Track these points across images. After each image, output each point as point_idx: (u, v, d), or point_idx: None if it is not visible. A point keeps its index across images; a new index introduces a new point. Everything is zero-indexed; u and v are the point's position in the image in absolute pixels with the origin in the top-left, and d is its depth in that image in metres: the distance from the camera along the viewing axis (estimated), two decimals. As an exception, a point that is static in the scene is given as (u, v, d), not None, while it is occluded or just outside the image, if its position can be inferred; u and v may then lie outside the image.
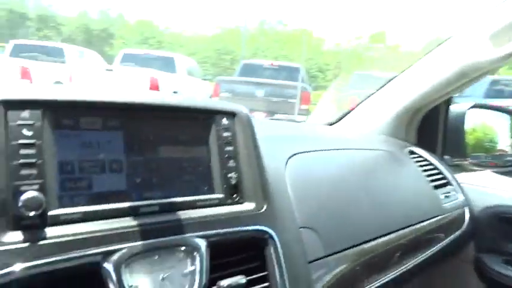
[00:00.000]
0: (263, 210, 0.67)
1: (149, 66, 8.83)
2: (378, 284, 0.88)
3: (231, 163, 0.66)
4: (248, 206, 0.67)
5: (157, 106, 0.61)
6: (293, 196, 0.82)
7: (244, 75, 9.52)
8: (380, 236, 0.93)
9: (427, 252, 1.04)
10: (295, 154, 0.93)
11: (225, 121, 0.67)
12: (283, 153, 0.91)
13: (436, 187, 1.22)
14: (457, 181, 1.34)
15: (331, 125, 1.59)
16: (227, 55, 36.60)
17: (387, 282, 0.90)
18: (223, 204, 0.64)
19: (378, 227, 0.94)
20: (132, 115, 0.59)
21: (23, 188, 0.47)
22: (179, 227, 0.57)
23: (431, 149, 1.52)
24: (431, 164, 1.34)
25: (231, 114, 0.69)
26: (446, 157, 1.68)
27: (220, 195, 0.64)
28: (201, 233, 0.59)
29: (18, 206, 0.46)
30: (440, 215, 1.14)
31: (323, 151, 1.03)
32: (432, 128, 1.59)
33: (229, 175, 0.66)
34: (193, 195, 0.62)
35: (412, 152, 1.34)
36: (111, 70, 8.67)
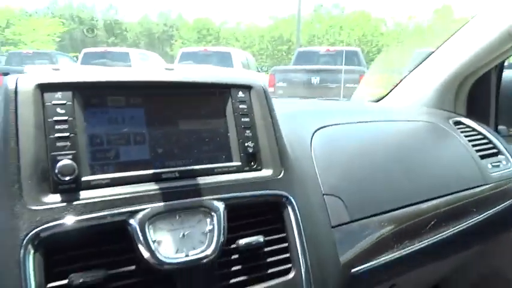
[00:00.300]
0: (280, 176, 0.71)
1: (207, 63, 9.09)
2: (410, 251, 0.88)
3: (248, 133, 0.71)
4: (265, 172, 0.71)
5: (175, 83, 0.67)
6: (318, 166, 0.85)
7: (300, 63, 9.44)
8: (413, 204, 0.92)
9: (467, 222, 1.01)
10: (323, 127, 0.95)
11: (241, 94, 0.72)
12: (310, 126, 0.94)
13: (483, 157, 1.17)
14: (509, 151, 1.27)
15: (376, 102, 1.57)
16: (283, 45, 36.49)
17: (420, 249, 0.89)
18: (241, 172, 0.69)
19: (410, 195, 0.93)
20: (152, 92, 0.65)
21: (59, 157, 0.56)
22: (198, 191, 0.63)
23: (483, 120, 1.44)
24: (479, 133, 1.28)
25: (247, 87, 0.73)
26: (501, 127, 1.58)
27: (238, 163, 0.69)
28: (218, 196, 0.64)
29: (56, 172, 0.55)
30: (486, 184, 1.09)
31: (353, 123, 1.03)
32: (483, 98, 1.50)
33: (246, 144, 0.70)
34: (212, 163, 0.67)
35: (458, 123, 1.29)
36: (172, 69, 9.06)
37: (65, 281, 0.52)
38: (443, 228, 0.95)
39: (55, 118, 0.57)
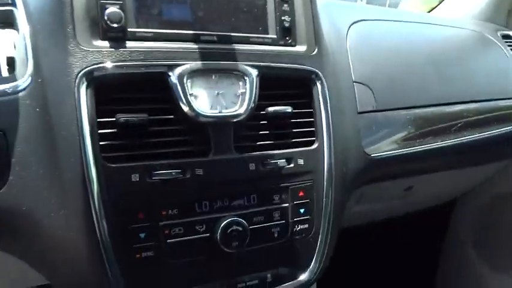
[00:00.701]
0: (314, 53, 0.73)
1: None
2: (430, 148, 0.90)
3: (285, 7, 0.71)
4: (299, 48, 0.73)
5: None
6: (352, 55, 0.86)
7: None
8: (441, 104, 0.93)
9: (493, 132, 1.01)
10: (361, 20, 0.94)
11: None
12: (348, 18, 0.93)
13: None
14: None
15: (429, 11, 1.51)
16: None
17: (440, 148, 0.92)
18: (276, 45, 0.71)
19: (440, 96, 0.94)
20: None
21: (107, 5, 0.60)
22: (234, 56, 0.67)
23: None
24: None
25: None
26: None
27: (273, 36, 0.71)
28: (253, 63, 0.67)
29: (105, 19, 0.59)
30: None
31: (392, 21, 1.01)
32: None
33: (283, 18, 0.71)
34: (249, 33, 0.70)
35: (506, 36, 1.24)
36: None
37: (112, 119, 0.59)
38: (468, 132, 0.97)
39: None
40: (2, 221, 0.59)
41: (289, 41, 0.72)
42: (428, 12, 1.50)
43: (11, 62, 0.63)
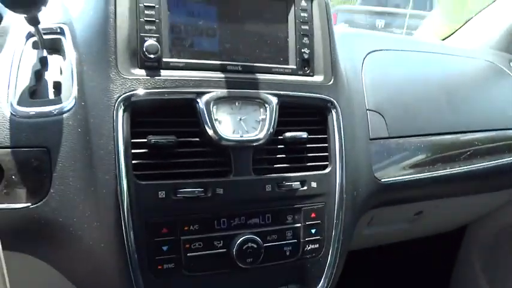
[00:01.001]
0: (330, 83, 0.78)
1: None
2: (440, 175, 0.94)
3: (305, 40, 0.77)
4: (317, 78, 0.78)
5: None
6: (366, 84, 0.91)
7: (367, 3, 8.92)
8: (452, 133, 0.97)
9: (503, 161, 1.04)
10: (375, 50, 0.99)
11: (303, 3, 0.78)
12: (365, 48, 0.99)
13: None
14: None
15: (443, 40, 1.55)
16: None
17: (450, 175, 0.95)
18: (295, 74, 0.77)
19: (451, 125, 0.98)
20: None
21: (146, 38, 0.66)
22: (256, 85, 0.72)
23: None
24: None
25: None
26: None
27: (293, 66, 0.77)
28: (273, 92, 0.73)
29: (143, 50, 0.66)
30: None
31: (407, 51, 1.06)
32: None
33: (303, 50, 0.77)
34: (271, 63, 0.76)
35: None
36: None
37: (144, 140, 0.65)
38: (478, 160, 1.00)
39: (145, 3, 0.67)
40: (40, 231, 0.65)
41: (308, 72, 0.78)
42: (444, 39, 1.54)
43: (57, 86, 0.70)
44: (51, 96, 0.70)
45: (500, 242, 1.50)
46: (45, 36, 0.73)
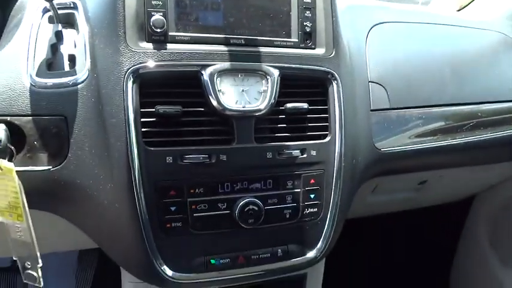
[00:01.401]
0: (331, 55, 0.81)
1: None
2: (441, 144, 0.96)
3: (308, 13, 0.80)
4: (318, 51, 0.81)
5: None
6: (369, 56, 0.93)
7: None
8: (455, 104, 0.98)
9: (508, 131, 1.05)
10: (380, 23, 1.00)
11: None
12: (369, 21, 1.00)
13: None
14: None
15: (458, 10, 1.52)
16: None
17: (452, 146, 0.98)
18: (297, 47, 0.80)
19: (455, 96, 0.99)
20: None
21: (153, 13, 0.70)
22: (259, 57, 0.76)
23: None
24: None
25: None
26: None
27: (296, 40, 0.80)
28: (275, 64, 0.76)
29: (150, 25, 0.70)
30: None
31: (414, 23, 1.06)
32: None
33: (305, 23, 0.80)
34: (273, 36, 0.78)
35: None
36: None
37: (152, 109, 0.70)
38: (480, 131, 1.02)
39: None
40: (61, 191, 0.72)
41: (310, 44, 0.81)
42: (460, 9, 1.51)
43: (72, 58, 0.75)
44: (67, 68, 0.75)
45: (507, 214, 1.52)
46: (59, 11, 0.78)
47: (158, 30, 0.70)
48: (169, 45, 0.72)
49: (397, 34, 1.02)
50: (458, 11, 1.52)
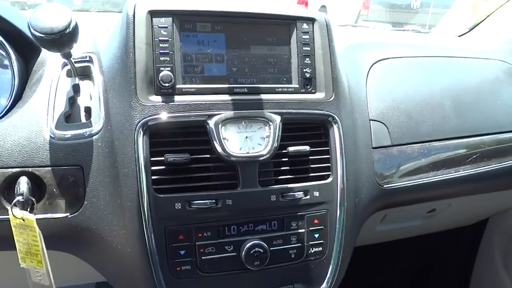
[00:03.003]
0: (331, 99, 0.85)
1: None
2: (444, 178, 0.98)
3: (307, 60, 0.84)
4: (319, 95, 0.85)
5: (251, 14, 0.81)
6: (370, 93, 0.96)
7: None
8: (457, 138, 1.00)
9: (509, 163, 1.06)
10: (381, 60, 1.04)
11: (305, 26, 0.84)
12: (369, 59, 1.03)
13: None
14: None
15: (460, 36, 1.55)
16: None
17: (455, 178, 0.99)
18: (298, 93, 0.84)
19: (457, 130, 1.01)
20: (232, 21, 0.80)
21: (161, 68, 0.75)
22: (261, 105, 0.80)
23: None
24: None
25: (311, 20, 0.84)
26: None
27: (296, 85, 0.84)
28: (277, 110, 0.80)
29: (159, 79, 0.75)
30: None
31: (416, 57, 1.09)
32: None
33: (305, 70, 0.84)
34: (275, 83, 0.83)
35: None
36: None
37: (161, 158, 0.75)
38: (485, 163, 1.03)
39: (160, 38, 0.76)
40: (78, 236, 0.77)
41: (310, 89, 0.85)
42: (462, 34, 1.53)
43: (88, 110, 0.81)
44: (83, 119, 0.81)
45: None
46: (77, 65, 0.84)
47: (166, 84, 0.75)
48: (177, 97, 0.77)
49: (396, 70, 1.05)
50: (460, 36, 1.54)
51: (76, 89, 0.84)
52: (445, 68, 1.12)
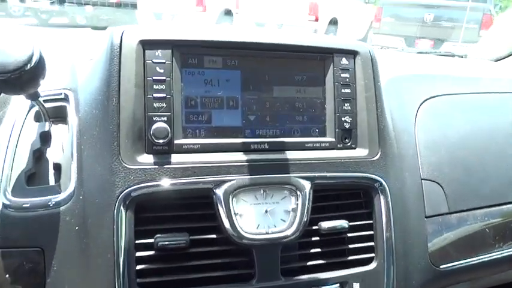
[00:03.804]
0: (376, 157, 0.65)
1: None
2: (504, 254, 0.77)
3: (347, 106, 0.64)
4: (360, 152, 0.65)
5: (274, 45, 0.62)
6: (420, 143, 0.76)
7: (415, -4, 8.41)
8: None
9: None
10: (430, 97, 0.83)
11: (344, 61, 0.64)
12: (417, 96, 0.83)
13: None
14: None
15: (497, 60, 1.35)
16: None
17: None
18: (333, 148, 0.64)
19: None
20: (250, 54, 0.61)
21: (155, 118, 0.56)
22: (286, 166, 0.60)
23: None
24: None
25: (352, 53, 0.65)
26: None
27: (331, 139, 0.64)
28: (306, 175, 0.60)
29: (151, 134, 0.55)
30: None
31: (465, 94, 0.89)
32: None
33: (344, 118, 0.64)
34: (304, 136, 0.63)
35: None
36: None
37: (151, 240, 0.55)
38: None
39: (154, 77, 0.56)
40: None
41: (349, 144, 0.65)
42: (500, 59, 1.34)
43: (58, 167, 0.61)
44: (52, 180, 0.61)
45: None
46: (49, 104, 0.65)
47: (161, 141, 0.55)
48: (175, 157, 0.57)
49: (448, 111, 0.85)
50: (498, 61, 1.35)
51: (45, 138, 0.64)
52: (506, 105, 0.91)
